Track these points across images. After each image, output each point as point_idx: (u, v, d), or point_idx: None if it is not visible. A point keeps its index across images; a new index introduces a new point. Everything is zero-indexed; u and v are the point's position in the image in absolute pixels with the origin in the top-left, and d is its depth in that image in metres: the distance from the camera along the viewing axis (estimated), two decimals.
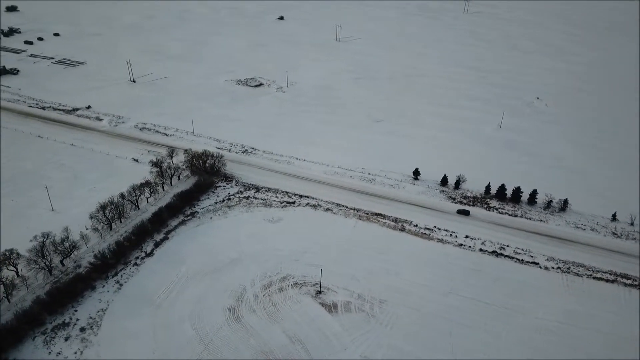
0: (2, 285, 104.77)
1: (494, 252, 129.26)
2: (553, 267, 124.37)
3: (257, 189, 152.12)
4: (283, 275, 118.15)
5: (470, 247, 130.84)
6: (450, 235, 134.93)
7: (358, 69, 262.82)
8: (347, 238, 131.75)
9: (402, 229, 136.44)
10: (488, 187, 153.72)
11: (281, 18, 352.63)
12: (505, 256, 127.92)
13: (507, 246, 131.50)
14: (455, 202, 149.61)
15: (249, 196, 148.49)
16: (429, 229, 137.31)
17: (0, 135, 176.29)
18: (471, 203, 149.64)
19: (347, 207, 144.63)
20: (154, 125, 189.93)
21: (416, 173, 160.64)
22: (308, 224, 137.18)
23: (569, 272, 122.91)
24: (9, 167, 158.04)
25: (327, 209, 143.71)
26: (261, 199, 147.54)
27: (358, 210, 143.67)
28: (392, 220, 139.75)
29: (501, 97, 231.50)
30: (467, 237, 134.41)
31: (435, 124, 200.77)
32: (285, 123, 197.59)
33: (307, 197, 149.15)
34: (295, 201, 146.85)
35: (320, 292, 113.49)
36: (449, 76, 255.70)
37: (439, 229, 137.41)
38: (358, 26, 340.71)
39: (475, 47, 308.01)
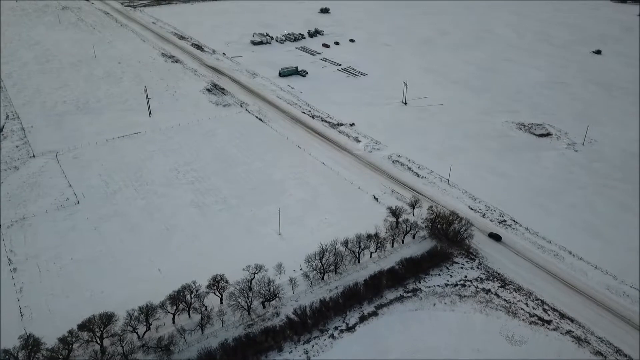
0: (201, 314, 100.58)
1: None
2: None
3: (504, 283, 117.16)
4: None
5: None
6: None
7: None
8: None
9: None
10: None
11: (598, 52, 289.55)
12: None
13: None
14: None
15: (490, 290, 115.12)
16: None
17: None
18: None
19: (627, 358, 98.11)
20: (409, 160, 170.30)
21: None
22: None
23: None
24: (262, 173, 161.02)
25: (597, 352, 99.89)
26: (505, 299, 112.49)
27: None
28: None
29: None
30: None
31: None
32: (567, 196, 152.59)
33: (572, 320, 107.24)
34: (552, 321, 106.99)
35: None
36: None
37: None
38: None
39: None
